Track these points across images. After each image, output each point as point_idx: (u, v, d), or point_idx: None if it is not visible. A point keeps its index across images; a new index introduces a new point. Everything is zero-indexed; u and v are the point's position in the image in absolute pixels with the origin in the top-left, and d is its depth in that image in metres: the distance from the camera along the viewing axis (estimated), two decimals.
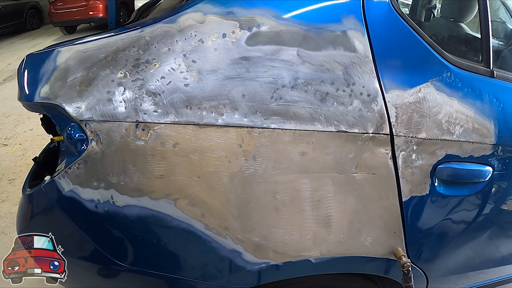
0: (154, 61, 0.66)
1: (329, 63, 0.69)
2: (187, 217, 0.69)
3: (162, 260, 0.75)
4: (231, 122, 0.66)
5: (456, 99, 0.77)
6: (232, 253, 0.73)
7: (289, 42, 0.67)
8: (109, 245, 0.74)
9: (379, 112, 0.71)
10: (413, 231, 0.82)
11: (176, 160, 0.66)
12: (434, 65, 0.76)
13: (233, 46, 0.66)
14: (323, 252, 0.77)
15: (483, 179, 0.83)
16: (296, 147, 0.68)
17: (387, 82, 0.72)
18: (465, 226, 0.90)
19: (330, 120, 0.69)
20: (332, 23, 0.70)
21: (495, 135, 0.80)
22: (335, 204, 0.73)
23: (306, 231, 0.74)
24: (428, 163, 0.77)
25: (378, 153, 0.73)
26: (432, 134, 0.75)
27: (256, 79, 0.66)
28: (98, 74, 0.65)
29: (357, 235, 0.77)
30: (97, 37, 0.68)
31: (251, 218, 0.71)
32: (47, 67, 0.67)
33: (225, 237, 0.71)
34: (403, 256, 0.80)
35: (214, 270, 0.76)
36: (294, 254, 0.75)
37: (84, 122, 0.65)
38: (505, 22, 1.77)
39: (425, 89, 0.74)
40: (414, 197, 0.78)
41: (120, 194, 0.67)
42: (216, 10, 0.67)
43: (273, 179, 0.69)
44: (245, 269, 0.75)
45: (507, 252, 1.09)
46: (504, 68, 1.05)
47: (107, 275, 0.78)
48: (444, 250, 0.92)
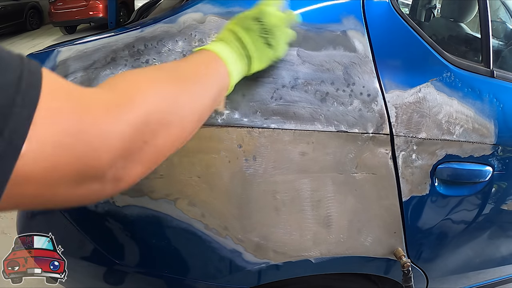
0: (154, 61, 0.66)
1: (329, 63, 0.69)
2: (187, 217, 0.69)
3: (162, 260, 0.75)
4: (231, 122, 0.66)
5: (456, 99, 0.77)
6: (232, 253, 0.73)
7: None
8: (109, 245, 0.74)
9: (379, 112, 0.71)
10: (413, 231, 0.82)
11: (176, 160, 0.66)
12: (434, 65, 0.76)
13: None
14: (323, 252, 0.77)
15: (483, 179, 0.83)
16: (296, 147, 0.68)
17: (387, 82, 0.72)
18: (465, 226, 0.90)
19: (330, 120, 0.69)
20: (332, 23, 0.70)
21: (495, 135, 0.80)
22: (335, 204, 0.74)
23: (306, 231, 0.74)
24: (428, 163, 0.77)
25: (378, 153, 0.73)
26: (432, 134, 0.75)
27: (256, 79, 0.66)
28: (98, 74, 0.65)
29: (357, 235, 0.78)
30: (97, 37, 0.68)
31: (251, 218, 0.71)
32: (47, 67, 0.67)
33: (225, 237, 0.71)
34: (403, 256, 0.80)
35: (214, 270, 0.76)
36: (294, 254, 0.75)
37: None
38: (505, 22, 1.77)
39: (425, 89, 0.74)
40: (414, 197, 0.78)
41: (120, 194, 0.67)
42: (216, 10, 0.67)
43: (273, 179, 0.69)
44: (245, 269, 0.75)
45: (507, 252, 1.09)
46: (504, 68, 1.05)
47: (107, 275, 0.78)
48: (444, 250, 0.92)
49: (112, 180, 0.36)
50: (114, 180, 0.36)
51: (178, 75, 0.45)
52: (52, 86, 0.32)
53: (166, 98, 0.40)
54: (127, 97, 0.37)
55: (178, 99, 0.42)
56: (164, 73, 0.43)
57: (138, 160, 0.38)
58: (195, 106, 0.45)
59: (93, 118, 0.33)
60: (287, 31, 0.60)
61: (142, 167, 0.39)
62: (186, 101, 0.43)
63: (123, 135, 0.35)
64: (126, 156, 0.36)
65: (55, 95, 0.32)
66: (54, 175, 0.31)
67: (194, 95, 0.45)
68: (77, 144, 0.31)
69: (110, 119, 0.34)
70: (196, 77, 0.47)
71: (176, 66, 0.47)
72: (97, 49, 0.66)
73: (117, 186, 0.37)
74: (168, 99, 0.40)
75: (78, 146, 0.31)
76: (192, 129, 0.45)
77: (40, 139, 0.29)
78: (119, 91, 0.37)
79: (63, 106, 0.31)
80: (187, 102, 0.43)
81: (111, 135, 0.34)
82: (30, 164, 0.29)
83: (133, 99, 0.37)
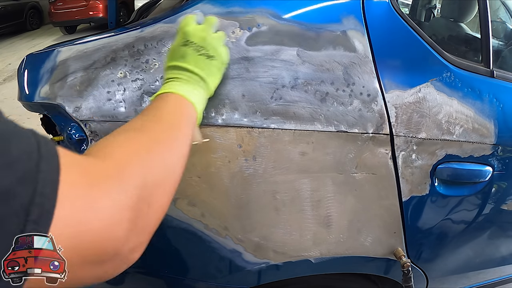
0: (154, 61, 0.66)
1: (329, 63, 0.69)
2: (187, 217, 0.69)
3: (162, 260, 0.75)
4: (231, 122, 0.66)
5: (456, 99, 0.77)
6: (232, 253, 0.73)
7: (289, 42, 0.67)
8: None
9: (379, 112, 0.71)
10: (413, 231, 0.82)
11: None
12: (434, 65, 0.76)
13: (233, 46, 0.66)
14: (323, 252, 0.77)
15: (483, 179, 0.83)
16: (296, 147, 0.68)
17: (387, 82, 0.72)
18: (465, 226, 0.90)
19: (330, 120, 0.69)
20: (332, 23, 0.70)
21: (495, 135, 0.80)
22: (335, 204, 0.74)
23: (306, 231, 0.74)
24: (428, 163, 0.77)
25: (378, 153, 0.73)
26: (432, 134, 0.75)
27: (256, 79, 0.66)
28: (98, 74, 0.65)
29: (357, 235, 0.78)
30: (97, 37, 0.68)
31: (251, 218, 0.71)
32: (47, 67, 0.67)
33: (225, 237, 0.71)
34: (403, 256, 0.80)
35: (214, 270, 0.76)
36: (294, 254, 0.75)
37: (84, 122, 0.65)
38: (505, 22, 1.77)
39: (425, 89, 0.74)
40: (414, 197, 0.78)
41: None
42: (216, 10, 0.67)
43: (273, 179, 0.69)
44: (245, 269, 0.75)
45: (507, 252, 1.09)
46: (504, 68, 1.05)
47: None
48: (444, 250, 0.92)
49: (128, 253, 0.37)
50: (130, 252, 0.37)
51: (159, 136, 0.46)
52: (66, 158, 0.31)
53: (156, 163, 0.42)
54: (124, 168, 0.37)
55: (165, 159, 0.44)
56: (146, 138, 0.45)
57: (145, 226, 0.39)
58: (179, 157, 0.48)
59: (104, 190, 0.33)
60: (215, 36, 0.60)
61: (149, 234, 0.40)
62: (172, 158, 0.46)
63: (132, 202, 0.35)
64: (136, 224, 0.36)
65: (70, 168, 0.31)
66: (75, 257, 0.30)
67: (177, 149, 0.48)
68: (94, 219, 0.31)
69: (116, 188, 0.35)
70: (175, 131, 0.49)
71: (152, 125, 0.49)
72: (97, 49, 0.67)
73: (132, 259, 0.38)
74: (157, 162, 0.43)
75: (95, 222, 0.31)
76: (179, 177, 0.48)
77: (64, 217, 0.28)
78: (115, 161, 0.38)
79: (79, 180, 0.31)
80: (172, 159, 0.46)
81: (121, 204, 0.34)
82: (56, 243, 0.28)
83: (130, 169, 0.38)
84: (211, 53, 0.58)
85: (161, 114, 0.51)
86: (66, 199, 0.29)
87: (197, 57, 0.57)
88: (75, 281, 0.32)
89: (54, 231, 0.28)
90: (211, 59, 0.58)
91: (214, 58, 0.58)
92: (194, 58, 0.57)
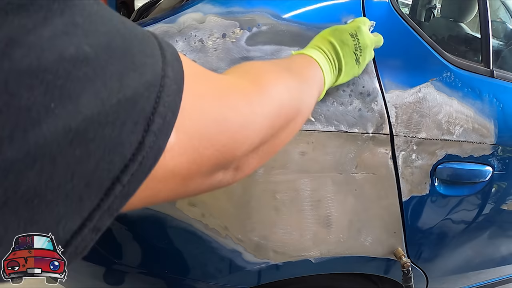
0: None
1: None
2: (187, 217, 0.69)
3: (162, 260, 0.75)
4: None
5: (456, 99, 0.77)
6: (232, 253, 0.73)
7: (289, 42, 0.67)
8: (109, 245, 0.74)
9: (379, 112, 0.71)
10: (413, 231, 0.82)
11: None
12: (434, 65, 0.76)
13: (233, 46, 0.66)
14: (323, 252, 0.77)
15: (483, 179, 0.83)
16: (296, 147, 0.68)
17: (387, 82, 0.72)
18: (465, 226, 0.90)
19: (330, 120, 0.69)
20: (332, 23, 0.70)
21: (495, 135, 0.80)
22: (335, 204, 0.74)
23: (306, 231, 0.74)
24: (428, 163, 0.77)
25: (378, 153, 0.73)
26: (432, 134, 0.75)
27: None
28: None
29: (357, 235, 0.78)
30: None
31: (251, 218, 0.71)
32: None
33: (225, 237, 0.71)
34: (403, 256, 0.80)
35: (214, 270, 0.76)
36: (294, 254, 0.75)
37: None
38: (505, 22, 1.77)
39: (425, 89, 0.74)
40: (414, 197, 0.78)
41: None
42: (216, 10, 0.67)
43: (273, 179, 0.69)
44: (245, 269, 0.75)
45: (507, 252, 1.09)
46: (504, 68, 1.05)
47: (107, 275, 0.78)
48: (444, 250, 0.92)
49: (234, 169, 0.34)
50: (235, 170, 0.34)
51: (294, 72, 0.45)
52: (191, 68, 0.28)
53: (293, 92, 0.40)
54: (262, 88, 0.35)
55: (301, 94, 0.42)
56: (283, 68, 0.43)
57: (260, 152, 0.36)
58: (310, 102, 0.46)
59: (235, 105, 0.30)
60: (372, 53, 0.63)
61: (259, 160, 0.37)
62: (305, 96, 0.44)
63: (261, 128, 0.33)
64: (255, 148, 0.34)
65: (197, 78, 0.28)
66: (194, 169, 0.28)
67: (308, 91, 0.46)
68: (221, 134, 0.28)
69: (250, 108, 0.32)
70: (306, 77, 0.48)
71: (287, 63, 0.47)
72: None
73: (235, 177, 0.35)
74: (294, 93, 0.40)
75: (221, 137, 0.29)
76: (303, 121, 0.45)
77: (188, 129, 0.26)
78: (252, 80, 0.35)
79: (206, 92, 0.28)
80: (306, 97, 0.44)
81: (250, 126, 0.32)
82: (176, 158, 0.25)
83: (269, 91, 0.35)
84: (360, 60, 0.59)
85: (294, 60, 0.50)
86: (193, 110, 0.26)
87: (352, 52, 0.58)
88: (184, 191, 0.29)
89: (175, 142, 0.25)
90: (357, 64, 0.59)
91: (358, 65, 0.60)
92: (349, 51, 0.58)
